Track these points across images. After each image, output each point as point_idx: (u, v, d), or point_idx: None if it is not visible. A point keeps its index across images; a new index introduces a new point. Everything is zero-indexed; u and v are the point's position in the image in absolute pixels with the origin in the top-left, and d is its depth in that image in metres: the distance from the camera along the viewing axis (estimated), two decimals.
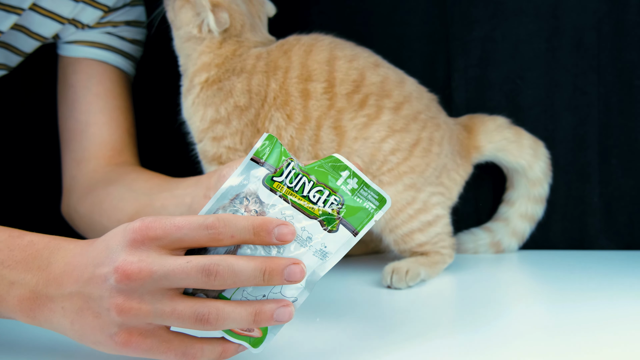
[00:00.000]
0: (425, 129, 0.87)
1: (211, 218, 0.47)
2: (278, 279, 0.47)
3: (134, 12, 0.95)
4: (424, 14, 1.06)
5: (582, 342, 0.59)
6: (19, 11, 0.83)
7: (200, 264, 0.46)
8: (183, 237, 0.47)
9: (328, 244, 0.49)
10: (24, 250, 0.52)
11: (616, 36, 1.00)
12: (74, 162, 0.93)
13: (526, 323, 0.67)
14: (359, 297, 0.79)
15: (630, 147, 1.01)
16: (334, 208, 0.50)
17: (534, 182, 0.99)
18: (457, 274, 0.89)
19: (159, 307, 0.47)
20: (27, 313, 0.51)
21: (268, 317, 0.48)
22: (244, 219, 0.48)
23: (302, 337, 0.61)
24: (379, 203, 0.51)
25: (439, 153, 0.89)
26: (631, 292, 0.77)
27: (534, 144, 0.99)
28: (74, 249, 0.52)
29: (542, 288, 0.81)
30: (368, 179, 0.51)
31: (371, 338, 0.61)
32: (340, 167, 0.50)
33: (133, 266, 0.46)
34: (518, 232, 1.01)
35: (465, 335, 0.62)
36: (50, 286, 0.50)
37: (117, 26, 0.93)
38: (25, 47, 0.90)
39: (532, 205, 1.00)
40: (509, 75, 1.03)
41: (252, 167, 0.50)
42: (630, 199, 1.02)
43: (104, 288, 0.47)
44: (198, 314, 0.46)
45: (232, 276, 0.46)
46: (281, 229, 0.48)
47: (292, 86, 0.83)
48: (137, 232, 0.47)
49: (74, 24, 0.90)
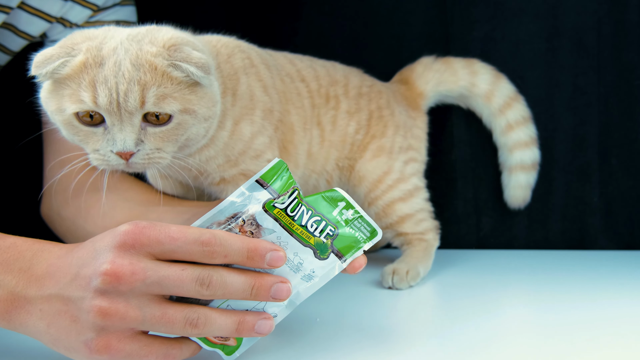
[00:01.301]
0: (371, 101, 0.91)
1: (207, 234, 0.47)
2: (264, 295, 0.49)
3: (124, 11, 0.94)
4: (424, 14, 1.06)
5: (582, 342, 0.59)
6: (7, 9, 0.82)
7: (195, 274, 0.46)
8: (176, 249, 0.47)
9: (317, 269, 0.51)
10: (6, 252, 0.51)
11: (616, 36, 1.00)
12: (57, 163, 0.90)
13: (526, 323, 0.67)
14: (359, 297, 0.79)
15: (630, 147, 1.01)
16: (328, 238, 0.51)
17: (487, 97, 1.00)
18: (456, 273, 0.89)
19: (148, 312, 0.46)
20: (2, 315, 0.49)
21: (250, 328, 0.49)
22: (239, 239, 0.48)
23: (302, 337, 0.61)
24: (369, 234, 0.53)
25: (391, 114, 0.92)
26: (631, 292, 0.77)
27: (466, 63, 1.01)
28: (58, 252, 0.50)
29: (542, 288, 0.81)
30: (364, 212, 0.53)
31: (371, 338, 0.61)
32: (337, 199, 0.52)
33: (124, 268, 0.45)
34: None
35: (465, 335, 0.62)
36: (30, 288, 0.49)
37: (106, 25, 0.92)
38: (13, 46, 0.90)
39: (501, 116, 1.00)
40: (509, 75, 1.03)
41: (255, 188, 0.50)
42: (630, 199, 1.02)
43: (87, 289, 0.46)
44: (188, 319, 0.47)
45: (223, 288, 0.47)
46: (273, 254, 0.49)
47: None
48: (129, 235, 0.46)
49: (62, 23, 0.90)
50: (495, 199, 1.05)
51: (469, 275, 0.88)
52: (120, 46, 0.58)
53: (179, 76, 0.58)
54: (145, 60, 0.57)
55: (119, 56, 0.57)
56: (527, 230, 1.05)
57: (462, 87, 1.00)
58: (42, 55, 0.57)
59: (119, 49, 0.57)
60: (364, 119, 0.89)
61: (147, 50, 0.57)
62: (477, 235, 1.07)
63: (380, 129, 0.90)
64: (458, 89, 1.00)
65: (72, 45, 0.58)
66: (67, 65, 0.57)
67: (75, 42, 0.59)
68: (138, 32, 0.61)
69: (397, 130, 0.92)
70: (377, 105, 0.92)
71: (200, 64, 0.58)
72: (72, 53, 0.57)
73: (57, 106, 0.58)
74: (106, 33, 0.61)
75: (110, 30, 0.61)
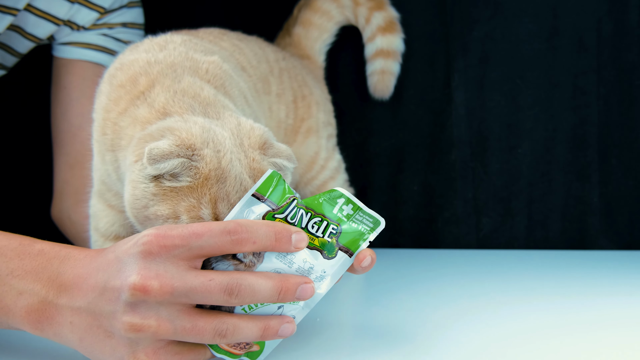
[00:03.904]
0: (292, 78, 0.90)
1: (231, 223, 0.47)
2: (290, 297, 0.49)
3: (131, 13, 0.95)
4: (424, 14, 1.06)
5: (582, 342, 0.59)
6: (14, 12, 0.82)
7: (223, 283, 0.46)
8: (203, 244, 0.46)
9: (327, 269, 0.51)
10: (34, 259, 0.51)
11: (616, 36, 1.00)
12: (67, 165, 0.91)
13: (526, 323, 0.67)
14: (359, 297, 0.79)
15: (630, 147, 1.01)
16: (332, 236, 0.51)
17: (351, 14, 1.03)
18: (456, 273, 0.89)
19: (179, 325, 0.46)
20: (36, 325, 0.49)
21: (274, 332, 0.49)
22: (263, 224, 0.48)
23: (302, 337, 0.61)
24: (372, 225, 0.53)
25: (310, 91, 0.92)
26: (631, 292, 0.77)
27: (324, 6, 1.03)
28: (83, 259, 0.50)
29: (542, 288, 0.81)
30: (362, 204, 0.53)
31: (371, 338, 0.61)
32: (335, 196, 0.52)
33: (152, 282, 0.44)
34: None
35: (465, 335, 0.62)
36: (61, 297, 0.48)
37: (113, 28, 0.93)
38: (20, 48, 0.90)
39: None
40: (509, 75, 1.03)
41: (252, 203, 0.50)
42: (630, 199, 1.02)
43: (117, 303, 0.46)
44: (217, 330, 0.46)
45: (251, 295, 0.47)
46: (297, 236, 0.49)
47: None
48: (152, 243, 0.45)
49: (69, 26, 0.90)
50: (495, 199, 1.05)
51: (469, 275, 0.88)
52: (231, 155, 0.53)
53: None
54: (257, 170, 0.55)
55: (236, 169, 0.53)
56: (527, 230, 1.05)
57: (340, 22, 1.04)
58: (159, 149, 0.50)
59: (234, 161, 0.53)
60: (290, 101, 0.88)
61: (253, 158, 0.55)
62: (477, 235, 1.07)
63: (306, 109, 0.90)
64: (337, 24, 1.04)
65: (192, 148, 0.52)
66: (189, 176, 0.52)
67: (192, 143, 0.52)
68: (232, 131, 0.56)
69: (318, 108, 0.93)
70: (298, 82, 0.90)
71: (289, 156, 0.57)
72: (193, 158, 0.52)
73: (169, 212, 0.52)
74: (209, 129, 0.54)
75: (211, 124, 0.55)
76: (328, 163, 0.92)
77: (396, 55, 1.02)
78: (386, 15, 1.01)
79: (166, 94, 0.59)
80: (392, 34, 1.01)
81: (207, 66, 0.65)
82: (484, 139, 1.05)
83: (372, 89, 1.03)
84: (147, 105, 0.58)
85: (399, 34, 1.02)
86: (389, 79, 1.02)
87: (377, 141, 1.08)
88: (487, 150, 1.05)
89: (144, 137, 0.54)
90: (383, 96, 1.03)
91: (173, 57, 0.64)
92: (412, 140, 1.07)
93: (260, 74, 0.81)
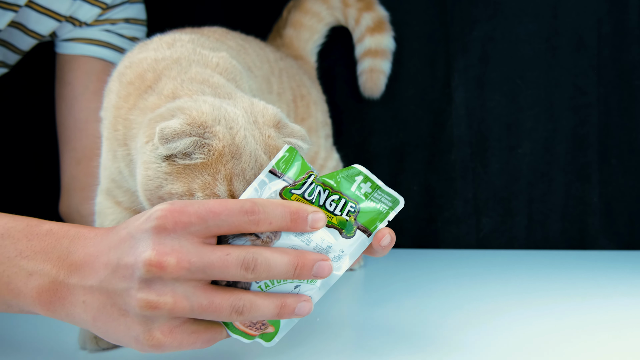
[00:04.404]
0: (290, 77, 0.90)
1: (248, 203, 0.46)
2: (307, 274, 0.48)
3: (134, 9, 0.95)
4: (424, 14, 1.06)
5: (582, 342, 0.59)
6: (16, 8, 0.82)
7: (240, 257, 0.45)
8: (220, 224, 0.45)
9: (345, 248, 0.50)
10: (43, 239, 0.49)
11: (616, 36, 1.00)
12: (74, 161, 0.92)
13: (526, 323, 0.66)
14: (359, 297, 0.79)
15: (630, 147, 1.01)
16: (350, 215, 0.50)
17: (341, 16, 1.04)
18: (456, 273, 0.89)
19: (195, 302, 0.45)
20: (47, 306, 0.48)
21: (291, 310, 0.48)
22: (279, 204, 0.47)
23: (302, 337, 0.61)
24: (392, 204, 0.51)
25: (308, 91, 0.92)
26: (631, 292, 0.77)
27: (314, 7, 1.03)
28: (94, 238, 0.49)
29: (542, 288, 0.81)
30: (381, 183, 0.51)
31: (371, 338, 0.61)
32: (354, 173, 0.51)
33: (168, 257, 0.43)
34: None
35: (465, 335, 0.62)
36: (72, 276, 0.47)
37: (116, 23, 0.93)
38: (22, 45, 0.90)
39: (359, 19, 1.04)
40: (509, 75, 1.03)
41: (270, 179, 0.49)
42: (630, 199, 1.02)
43: (131, 280, 0.44)
44: (234, 306, 0.46)
45: (267, 270, 0.46)
46: (314, 216, 0.48)
47: None
48: (167, 217, 0.44)
49: (71, 22, 0.90)
50: (495, 199, 1.05)
51: (469, 275, 0.88)
52: (245, 132, 0.53)
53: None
54: (272, 146, 0.54)
55: (251, 145, 0.52)
56: (527, 230, 1.05)
57: (327, 24, 1.04)
58: (170, 129, 0.50)
59: (248, 137, 0.52)
60: (290, 100, 0.87)
61: (268, 135, 0.54)
62: (477, 235, 1.07)
63: (305, 109, 0.90)
64: (327, 25, 1.04)
65: (203, 125, 0.51)
66: (202, 153, 0.51)
67: (203, 121, 0.51)
68: (245, 109, 0.55)
69: (316, 107, 0.93)
70: (296, 82, 0.90)
71: (303, 136, 0.57)
72: (205, 136, 0.51)
73: (184, 190, 0.51)
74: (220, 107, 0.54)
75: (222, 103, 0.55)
76: (327, 162, 0.92)
77: (385, 53, 1.02)
78: (375, 15, 1.02)
79: (174, 82, 0.58)
80: (380, 33, 1.02)
81: (217, 60, 0.64)
82: (484, 139, 1.05)
83: (362, 88, 1.04)
84: (156, 94, 0.58)
85: (388, 32, 1.02)
86: (377, 77, 1.02)
87: (377, 141, 1.08)
88: (487, 150, 1.05)
89: (155, 118, 0.54)
90: (373, 95, 1.03)
91: (180, 52, 0.63)
92: (412, 140, 1.07)
93: (263, 74, 0.81)
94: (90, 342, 0.58)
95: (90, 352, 0.58)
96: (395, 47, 1.05)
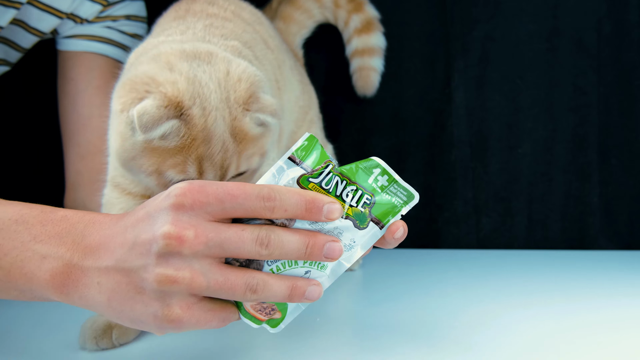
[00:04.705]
0: (293, 59, 0.89)
1: (266, 189, 0.46)
2: (318, 254, 0.48)
3: (134, 6, 0.95)
4: (424, 14, 1.06)
5: (582, 342, 0.59)
6: (18, 5, 0.83)
7: (254, 234, 0.46)
8: (237, 207, 0.46)
9: (357, 239, 0.51)
10: (57, 224, 0.50)
11: (616, 36, 1.00)
12: (78, 156, 0.92)
13: (526, 323, 0.67)
14: (359, 298, 0.79)
15: (630, 147, 1.01)
16: (365, 207, 0.51)
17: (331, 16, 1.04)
18: (456, 273, 0.89)
19: (212, 278, 0.46)
20: (60, 289, 0.48)
21: (301, 293, 0.49)
22: (296, 192, 0.47)
23: (303, 337, 0.61)
24: (406, 199, 0.52)
25: (308, 82, 0.93)
26: (631, 292, 0.77)
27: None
28: (109, 222, 0.49)
29: (542, 288, 0.81)
30: (398, 177, 0.52)
31: (371, 338, 0.61)
32: (372, 165, 0.52)
33: (187, 231, 0.44)
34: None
35: (465, 335, 0.62)
36: (87, 259, 0.47)
37: (117, 20, 0.93)
38: (24, 43, 0.90)
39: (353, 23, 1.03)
40: (509, 75, 1.03)
41: (288, 165, 0.49)
42: (630, 199, 1.02)
43: (148, 255, 0.45)
44: (248, 284, 0.46)
45: (280, 248, 0.47)
46: (330, 206, 0.48)
47: None
48: (186, 195, 0.45)
49: (72, 19, 0.90)
50: (495, 199, 1.05)
51: (469, 275, 0.88)
52: (216, 113, 0.55)
53: (259, 131, 0.59)
54: (239, 130, 0.56)
55: (219, 128, 0.55)
56: (527, 230, 1.05)
57: (315, 21, 1.03)
58: (149, 115, 0.52)
59: (218, 119, 0.55)
60: (298, 80, 0.88)
61: (235, 116, 0.56)
62: (477, 235, 1.07)
63: (308, 99, 0.90)
64: (316, 22, 1.04)
65: (179, 107, 0.53)
66: (177, 136, 0.54)
67: (180, 101, 0.54)
68: (219, 82, 0.57)
69: (315, 101, 0.94)
70: (299, 69, 0.91)
71: (273, 112, 0.58)
72: (182, 118, 0.53)
73: (154, 167, 0.55)
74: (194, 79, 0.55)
75: (198, 71, 0.56)
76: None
77: (374, 51, 1.02)
78: (364, 16, 1.02)
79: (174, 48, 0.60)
80: (367, 33, 1.01)
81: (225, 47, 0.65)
82: (484, 139, 1.05)
83: (355, 87, 1.04)
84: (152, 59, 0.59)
85: (376, 31, 1.02)
86: (367, 75, 1.02)
87: (377, 141, 1.08)
88: (487, 150, 1.05)
89: (129, 83, 0.55)
90: (366, 92, 1.03)
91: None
92: (412, 140, 1.07)
93: (276, 44, 0.81)
94: (90, 342, 0.58)
95: (90, 352, 0.58)
96: (387, 45, 1.05)
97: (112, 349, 0.59)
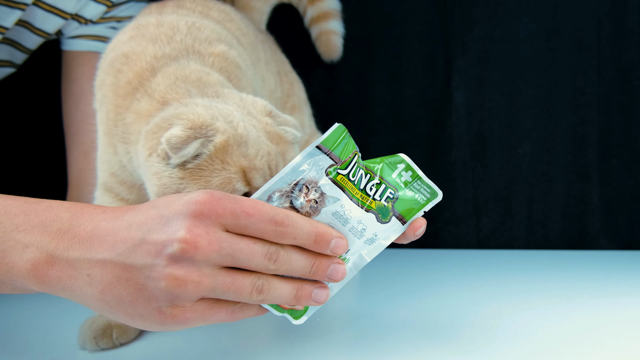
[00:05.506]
0: (273, 51, 0.89)
1: (281, 214, 0.47)
2: (322, 274, 0.49)
3: (139, 7, 0.95)
4: (424, 14, 1.06)
5: (582, 342, 0.59)
6: (23, 6, 0.83)
7: (264, 249, 0.47)
8: (249, 225, 0.47)
9: (379, 233, 0.51)
10: (41, 214, 0.49)
11: (616, 36, 1.00)
12: (82, 154, 0.92)
13: (526, 323, 0.67)
14: (359, 298, 0.79)
15: (630, 147, 1.01)
16: (389, 201, 0.51)
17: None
18: (456, 273, 0.89)
19: (219, 280, 0.46)
20: (41, 279, 0.47)
21: (307, 295, 0.50)
22: (308, 223, 0.48)
23: (303, 337, 0.61)
24: (430, 196, 0.53)
25: (290, 69, 0.92)
26: (631, 292, 0.77)
27: None
28: (102, 214, 0.49)
29: (542, 288, 0.81)
30: (422, 173, 0.52)
31: (372, 338, 0.61)
32: (397, 161, 0.52)
33: (202, 238, 0.45)
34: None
35: (465, 335, 0.62)
36: (73, 250, 0.47)
37: (122, 21, 0.94)
38: (29, 44, 0.91)
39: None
40: (509, 75, 1.03)
41: (315, 154, 0.50)
42: (630, 199, 1.02)
43: (159, 256, 0.45)
44: (255, 285, 0.47)
45: (287, 264, 0.48)
46: (337, 242, 0.49)
47: None
48: (206, 204, 0.46)
49: (76, 20, 0.91)
50: (495, 199, 1.05)
51: (469, 275, 0.88)
52: (244, 123, 0.54)
53: (291, 137, 0.59)
54: (274, 134, 0.56)
55: (253, 134, 0.54)
56: (527, 230, 1.05)
57: (274, 3, 1.02)
58: (176, 137, 0.51)
59: (249, 126, 0.54)
60: (276, 72, 0.87)
61: (266, 122, 0.57)
62: (477, 235, 1.07)
63: (289, 86, 0.90)
64: (272, 7, 1.02)
65: (204, 125, 0.52)
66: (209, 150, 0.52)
67: (203, 121, 0.52)
68: (237, 104, 0.57)
69: (299, 86, 0.93)
70: (277, 57, 0.90)
71: (296, 125, 0.59)
72: (209, 134, 0.52)
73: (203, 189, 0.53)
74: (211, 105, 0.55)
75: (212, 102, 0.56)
76: (311, 139, 0.91)
77: (329, 15, 1.01)
78: None
79: (167, 81, 0.59)
80: (320, 0, 1.01)
81: (212, 59, 0.65)
82: (484, 139, 1.05)
83: (322, 56, 1.03)
84: (148, 97, 0.58)
85: None
86: (327, 39, 1.01)
87: (377, 141, 1.08)
88: (487, 150, 1.05)
89: (152, 130, 0.54)
90: (332, 58, 1.02)
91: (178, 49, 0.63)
92: (412, 140, 1.08)
93: (250, 42, 0.80)
94: (90, 342, 0.58)
95: (90, 352, 0.58)
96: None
97: (112, 348, 0.59)
